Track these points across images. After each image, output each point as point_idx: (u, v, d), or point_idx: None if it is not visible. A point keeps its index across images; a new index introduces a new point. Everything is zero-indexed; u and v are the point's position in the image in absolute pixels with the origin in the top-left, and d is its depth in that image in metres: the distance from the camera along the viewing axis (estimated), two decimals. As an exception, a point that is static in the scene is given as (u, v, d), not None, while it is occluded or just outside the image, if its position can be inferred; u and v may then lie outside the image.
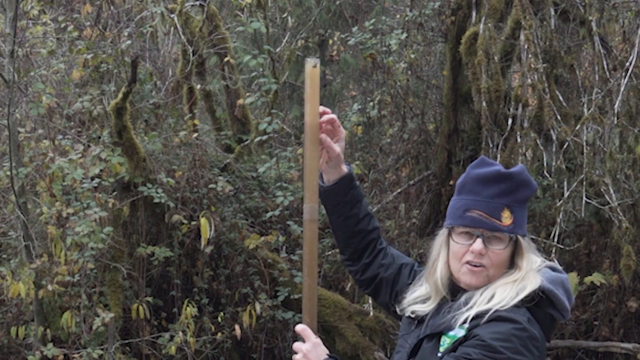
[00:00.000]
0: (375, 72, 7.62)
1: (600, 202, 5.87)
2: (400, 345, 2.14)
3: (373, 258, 2.30)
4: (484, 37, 6.02)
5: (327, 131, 2.18)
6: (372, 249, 2.30)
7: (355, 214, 2.26)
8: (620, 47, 6.78)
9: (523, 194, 2.03)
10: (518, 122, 6.00)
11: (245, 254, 6.42)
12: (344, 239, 2.30)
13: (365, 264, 2.30)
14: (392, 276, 2.28)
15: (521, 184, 2.03)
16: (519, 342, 1.89)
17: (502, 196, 2.01)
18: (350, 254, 2.31)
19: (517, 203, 2.02)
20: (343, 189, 2.23)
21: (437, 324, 2.01)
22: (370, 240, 2.30)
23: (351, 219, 2.26)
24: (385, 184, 7.75)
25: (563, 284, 2.03)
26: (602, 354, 6.49)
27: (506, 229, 1.99)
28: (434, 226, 7.48)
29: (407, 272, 2.28)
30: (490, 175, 2.03)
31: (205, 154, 6.78)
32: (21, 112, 6.35)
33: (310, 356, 2.01)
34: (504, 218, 2.00)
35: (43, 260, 5.66)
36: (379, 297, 2.32)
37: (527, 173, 2.06)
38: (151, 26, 6.52)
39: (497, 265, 2.01)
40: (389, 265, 2.29)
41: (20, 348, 6.25)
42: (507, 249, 2.01)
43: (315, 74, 2.21)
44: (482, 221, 2.01)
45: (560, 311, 1.99)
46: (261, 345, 6.59)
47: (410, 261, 2.33)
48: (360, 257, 2.30)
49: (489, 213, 2.01)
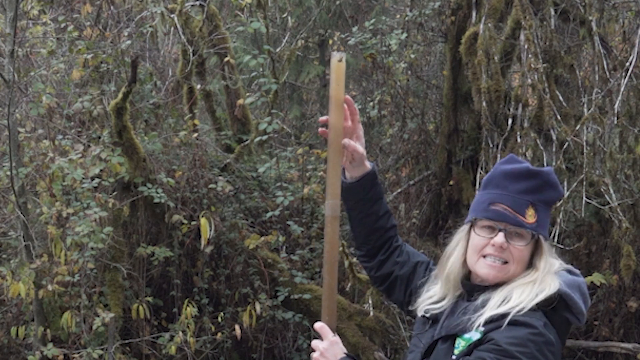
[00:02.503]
0: (375, 72, 7.62)
1: (600, 202, 5.87)
2: (414, 344, 2.13)
3: (389, 255, 2.29)
4: (484, 37, 6.02)
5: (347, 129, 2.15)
6: (388, 246, 2.29)
7: (375, 211, 2.25)
8: (620, 47, 6.78)
9: (549, 195, 2.02)
10: (518, 122, 5.99)
11: (245, 254, 6.42)
12: (362, 236, 2.29)
13: (381, 261, 2.29)
14: (407, 274, 2.27)
15: (548, 184, 2.02)
16: (535, 347, 1.87)
17: (528, 193, 2.00)
18: (367, 251, 2.31)
19: (542, 203, 2.00)
20: (366, 186, 2.21)
21: (452, 326, 2.00)
22: (388, 237, 2.29)
23: (371, 216, 2.25)
24: (385, 184, 7.75)
25: (580, 287, 2.01)
26: (602, 354, 6.49)
27: (529, 226, 1.98)
28: (434, 226, 7.49)
29: (423, 270, 2.27)
30: (518, 171, 2.02)
31: (205, 154, 6.78)
32: (21, 112, 6.35)
33: (328, 354, 2.00)
34: (528, 215, 1.98)
35: (43, 260, 5.66)
36: (393, 294, 2.31)
37: (555, 175, 2.05)
38: (151, 26, 6.52)
39: (517, 262, 1.99)
40: (404, 262, 2.28)
41: (20, 348, 6.24)
42: (528, 247, 1.99)
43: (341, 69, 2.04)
44: (506, 215, 1.99)
45: (576, 315, 1.98)
46: (261, 345, 6.59)
47: (425, 259, 2.32)
48: (377, 254, 2.29)
49: (514, 208, 1.99)
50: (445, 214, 7.37)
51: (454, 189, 7.16)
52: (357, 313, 6.35)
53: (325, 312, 2.05)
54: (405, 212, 7.32)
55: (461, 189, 7.08)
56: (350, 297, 6.66)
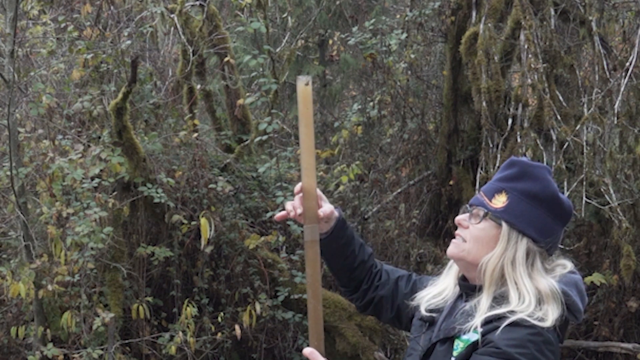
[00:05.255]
0: (375, 72, 7.63)
1: (600, 202, 5.87)
2: (411, 348, 2.13)
3: (371, 282, 2.32)
4: (484, 37, 6.02)
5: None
6: (369, 275, 2.32)
7: (352, 251, 2.27)
8: (620, 47, 6.78)
9: (526, 185, 2.00)
10: (518, 122, 6.00)
11: (245, 254, 6.42)
12: (346, 277, 2.32)
13: (365, 290, 2.32)
14: (390, 292, 2.30)
15: (526, 174, 2.01)
16: (535, 347, 1.86)
17: (503, 180, 2.03)
18: (354, 287, 2.34)
19: (517, 192, 2.00)
20: (340, 234, 2.23)
21: (449, 327, 2.00)
22: (369, 267, 2.32)
23: (350, 257, 2.28)
24: (385, 184, 7.75)
25: (577, 284, 2.00)
26: (602, 354, 6.49)
27: (490, 209, 2.00)
28: (434, 226, 7.49)
29: (404, 284, 2.30)
30: (505, 162, 2.07)
31: (205, 154, 6.78)
32: (21, 112, 6.35)
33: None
34: (495, 199, 2.01)
35: (43, 260, 5.66)
36: (382, 315, 2.34)
37: (541, 170, 2.02)
38: (151, 26, 6.52)
39: (474, 241, 2.00)
40: (385, 283, 2.31)
41: (20, 348, 6.25)
42: (483, 228, 2.00)
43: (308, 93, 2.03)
44: (476, 198, 2.06)
45: (573, 313, 1.97)
46: (261, 345, 6.59)
47: (405, 273, 2.35)
48: (360, 286, 2.33)
49: (485, 192, 2.05)
50: (445, 214, 7.37)
51: (454, 189, 7.16)
52: (357, 313, 6.35)
53: (314, 336, 2.04)
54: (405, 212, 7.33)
55: (461, 189, 7.08)
56: (350, 297, 6.66)
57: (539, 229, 1.99)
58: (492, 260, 1.97)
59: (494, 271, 1.96)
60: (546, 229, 2.00)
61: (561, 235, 2.06)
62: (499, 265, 1.96)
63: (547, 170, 2.04)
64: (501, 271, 1.97)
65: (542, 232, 1.99)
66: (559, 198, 2.02)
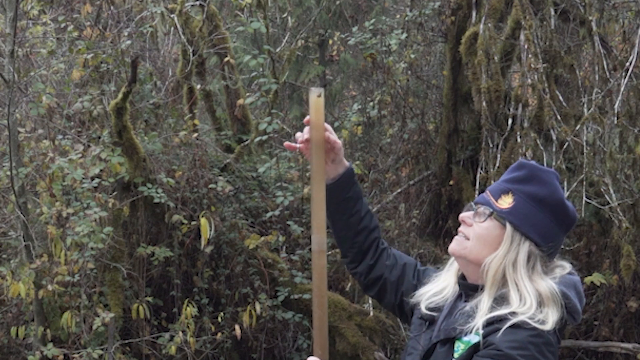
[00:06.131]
0: (375, 72, 7.62)
1: (600, 202, 5.87)
2: (411, 347, 2.13)
3: (377, 259, 2.29)
4: (484, 37, 6.02)
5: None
6: (375, 249, 2.30)
7: (358, 211, 2.26)
8: (620, 47, 6.78)
9: (533, 189, 2.00)
10: (518, 122, 6.00)
11: (245, 254, 6.42)
12: (348, 240, 2.29)
13: (370, 265, 2.29)
14: (397, 277, 2.28)
15: (534, 177, 2.01)
16: (535, 349, 1.87)
17: (510, 182, 2.03)
18: (354, 255, 2.31)
19: (524, 195, 2.00)
20: (346, 185, 2.23)
21: (450, 328, 2.00)
22: (374, 239, 2.30)
23: (355, 215, 2.26)
24: (385, 184, 7.75)
25: (575, 286, 2.00)
26: (602, 354, 6.49)
27: (496, 209, 2.00)
28: (434, 226, 7.49)
29: (411, 272, 2.28)
30: (514, 164, 2.07)
31: (205, 154, 6.78)
32: (21, 112, 6.35)
33: None
34: (501, 199, 2.01)
35: (43, 260, 5.66)
36: (384, 299, 2.32)
37: (549, 174, 2.03)
38: (151, 26, 6.52)
39: (476, 239, 2.01)
40: (392, 266, 2.29)
41: (20, 348, 6.25)
42: (487, 227, 2.00)
43: (320, 104, 2.10)
44: (482, 197, 2.06)
45: (572, 314, 1.97)
46: (261, 345, 6.59)
47: (412, 261, 2.33)
48: (364, 258, 2.30)
49: (492, 192, 2.04)
50: (445, 214, 7.37)
51: (454, 189, 7.16)
52: (357, 313, 6.35)
53: (318, 345, 2.05)
54: (405, 212, 7.32)
55: (461, 189, 7.08)
56: (350, 297, 6.66)
57: (542, 233, 1.99)
58: (495, 261, 1.97)
59: (497, 272, 1.97)
60: (549, 234, 2.00)
61: (562, 241, 2.06)
62: (502, 267, 1.97)
63: (556, 175, 2.04)
64: (503, 272, 1.97)
65: (544, 237, 1.99)
66: (565, 204, 2.02)
